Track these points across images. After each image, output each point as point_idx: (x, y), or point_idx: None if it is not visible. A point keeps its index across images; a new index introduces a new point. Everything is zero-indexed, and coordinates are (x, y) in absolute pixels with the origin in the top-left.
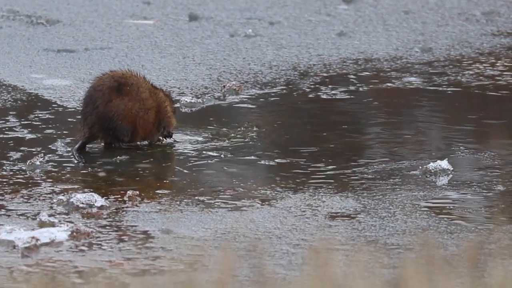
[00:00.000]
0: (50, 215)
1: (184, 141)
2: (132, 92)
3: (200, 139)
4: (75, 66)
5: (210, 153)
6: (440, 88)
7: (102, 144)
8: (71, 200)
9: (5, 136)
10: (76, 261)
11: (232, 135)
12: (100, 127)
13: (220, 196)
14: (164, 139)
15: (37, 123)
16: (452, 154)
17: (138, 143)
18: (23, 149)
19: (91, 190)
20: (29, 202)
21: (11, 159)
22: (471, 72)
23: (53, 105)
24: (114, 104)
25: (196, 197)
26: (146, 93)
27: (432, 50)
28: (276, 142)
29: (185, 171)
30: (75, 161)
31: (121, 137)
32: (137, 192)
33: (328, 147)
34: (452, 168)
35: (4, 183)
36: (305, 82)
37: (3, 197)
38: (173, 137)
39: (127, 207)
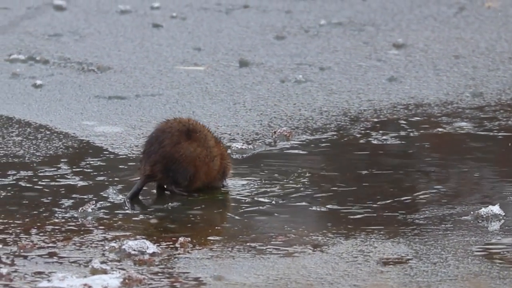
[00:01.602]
0: (102, 262)
1: (235, 188)
2: (200, 139)
3: (251, 185)
4: (126, 113)
5: (262, 199)
6: (491, 133)
7: (153, 190)
8: (123, 247)
9: (57, 183)
10: None
11: (284, 181)
12: (163, 166)
13: (272, 242)
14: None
15: (89, 170)
16: (503, 199)
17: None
18: (75, 197)
19: (143, 237)
20: (81, 249)
21: (63, 206)
22: None
23: (104, 152)
24: (183, 146)
25: (248, 243)
26: (212, 141)
27: (483, 95)
28: (327, 188)
29: (237, 217)
30: (126, 208)
31: (180, 180)
32: (189, 239)
33: (379, 192)
34: (504, 213)
35: (56, 231)
36: (355, 127)
37: (55, 245)
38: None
39: (179, 253)
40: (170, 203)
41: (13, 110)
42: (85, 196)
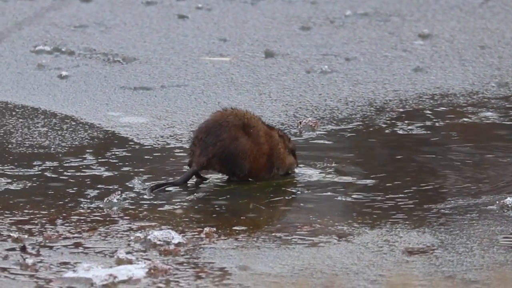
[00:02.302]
0: (127, 253)
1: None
2: (254, 134)
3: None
4: (152, 103)
5: (287, 189)
6: None
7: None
8: (149, 237)
9: (82, 174)
10: None
11: (309, 171)
12: (220, 160)
13: (297, 232)
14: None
15: (114, 160)
16: None
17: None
18: (100, 187)
19: (169, 227)
20: (106, 240)
21: (88, 197)
22: None
23: (130, 143)
24: (241, 142)
25: (273, 234)
26: (263, 138)
27: (509, 85)
28: (353, 178)
29: (262, 207)
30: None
31: (238, 172)
32: (214, 229)
33: (405, 182)
34: None
35: (82, 221)
36: (381, 117)
37: (80, 235)
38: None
39: (204, 244)
40: (195, 194)
41: (39, 101)
42: (110, 187)
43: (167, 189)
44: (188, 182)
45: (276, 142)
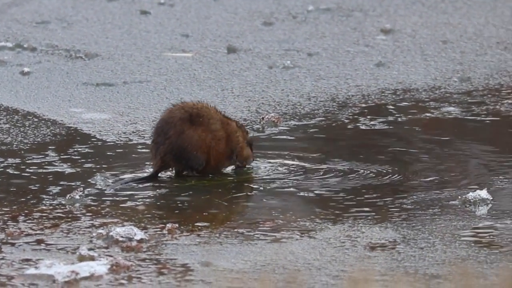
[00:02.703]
0: (89, 249)
1: (223, 174)
2: (204, 123)
3: (239, 171)
4: (114, 99)
5: (250, 185)
6: (479, 118)
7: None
8: (111, 233)
9: (44, 170)
10: None
11: (272, 167)
12: (173, 156)
13: (260, 228)
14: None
15: (76, 157)
16: (491, 183)
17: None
18: (63, 184)
19: (131, 223)
20: (69, 236)
21: (51, 193)
22: (510, 101)
23: (92, 139)
24: (187, 134)
25: (235, 229)
26: (217, 124)
27: (471, 80)
28: (315, 173)
29: (224, 203)
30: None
31: (195, 166)
32: (177, 225)
33: (367, 178)
34: (491, 198)
35: (44, 218)
36: (343, 113)
37: (43, 232)
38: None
39: (166, 240)
40: (157, 190)
41: (1, 97)
42: (72, 183)
43: (129, 185)
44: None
45: (233, 130)
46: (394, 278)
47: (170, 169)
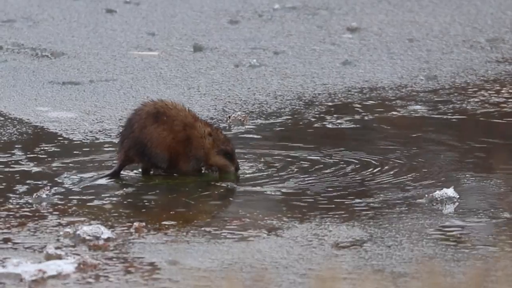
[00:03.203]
0: (56, 248)
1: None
2: (168, 122)
3: (206, 170)
4: (80, 98)
5: (217, 183)
6: (445, 116)
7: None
8: (78, 232)
9: (11, 169)
10: None
11: (238, 165)
12: (136, 151)
13: (227, 226)
14: (208, 171)
15: (43, 156)
16: (458, 182)
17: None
18: (29, 182)
19: (98, 222)
20: (36, 235)
21: (17, 192)
22: (476, 100)
23: (59, 138)
24: (149, 130)
25: (203, 228)
26: (180, 127)
27: (437, 78)
28: (282, 172)
29: (191, 202)
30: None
31: (158, 163)
32: (144, 224)
33: (334, 176)
34: (458, 196)
35: (11, 216)
36: (310, 111)
37: (9, 230)
38: (215, 173)
39: (133, 238)
40: (124, 188)
41: None
42: (39, 182)
43: (96, 183)
44: (118, 176)
45: (197, 134)
46: (361, 277)
47: (136, 165)
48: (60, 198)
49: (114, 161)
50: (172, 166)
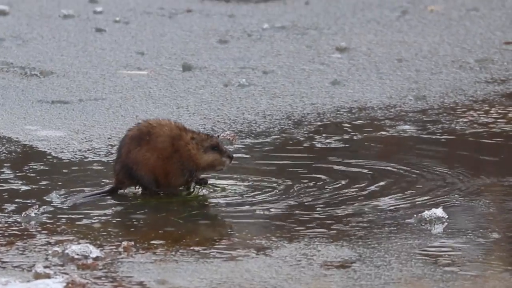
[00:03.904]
0: (45, 267)
1: (179, 191)
2: (151, 141)
3: (195, 189)
4: (69, 117)
5: (205, 203)
6: (434, 136)
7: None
8: (66, 251)
9: None
10: None
11: (227, 185)
12: (126, 174)
13: (216, 246)
14: (199, 186)
15: (32, 174)
16: (447, 202)
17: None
18: (18, 201)
19: (86, 241)
20: (24, 254)
21: (6, 211)
22: (465, 120)
23: (48, 157)
24: (132, 153)
25: (191, 247)
26: (166, 143)
27: (426, 98)
28: (271, 191)
29: (180, 221)
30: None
31: (147, 185)
32: (132, 243)
33: (324, 196)
34: (447, 216)
35: None
36: (299, 131)
37: None
38: (208, 183)
39: (122, 258)
40: (113, 208)
41: None
42: (28, 201)
43: (86, 201)
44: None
45: (183, 144)
46: None
47: (134, 187)
48: (48, 217)
49: (102, 180)
50: (164, 185)
